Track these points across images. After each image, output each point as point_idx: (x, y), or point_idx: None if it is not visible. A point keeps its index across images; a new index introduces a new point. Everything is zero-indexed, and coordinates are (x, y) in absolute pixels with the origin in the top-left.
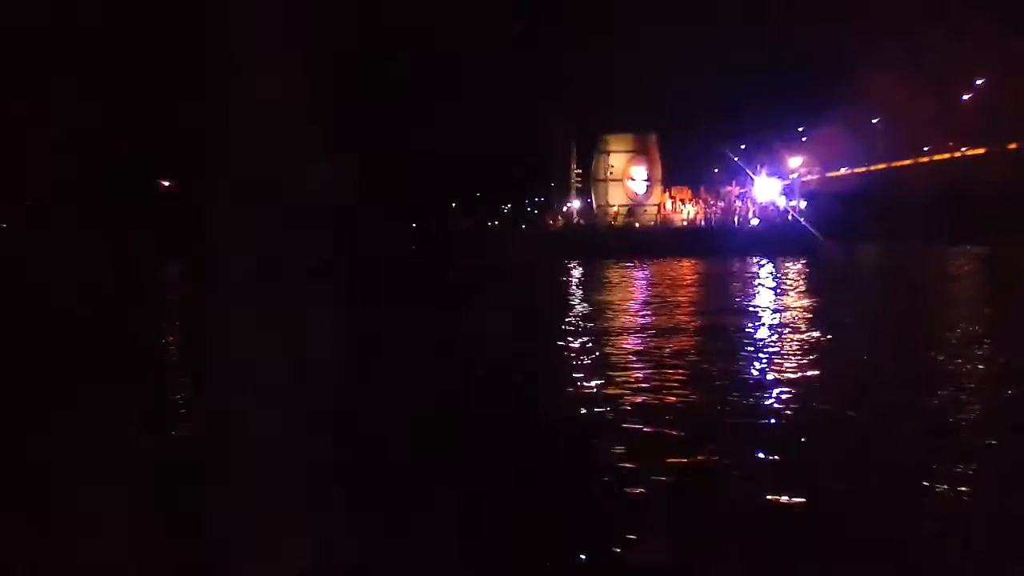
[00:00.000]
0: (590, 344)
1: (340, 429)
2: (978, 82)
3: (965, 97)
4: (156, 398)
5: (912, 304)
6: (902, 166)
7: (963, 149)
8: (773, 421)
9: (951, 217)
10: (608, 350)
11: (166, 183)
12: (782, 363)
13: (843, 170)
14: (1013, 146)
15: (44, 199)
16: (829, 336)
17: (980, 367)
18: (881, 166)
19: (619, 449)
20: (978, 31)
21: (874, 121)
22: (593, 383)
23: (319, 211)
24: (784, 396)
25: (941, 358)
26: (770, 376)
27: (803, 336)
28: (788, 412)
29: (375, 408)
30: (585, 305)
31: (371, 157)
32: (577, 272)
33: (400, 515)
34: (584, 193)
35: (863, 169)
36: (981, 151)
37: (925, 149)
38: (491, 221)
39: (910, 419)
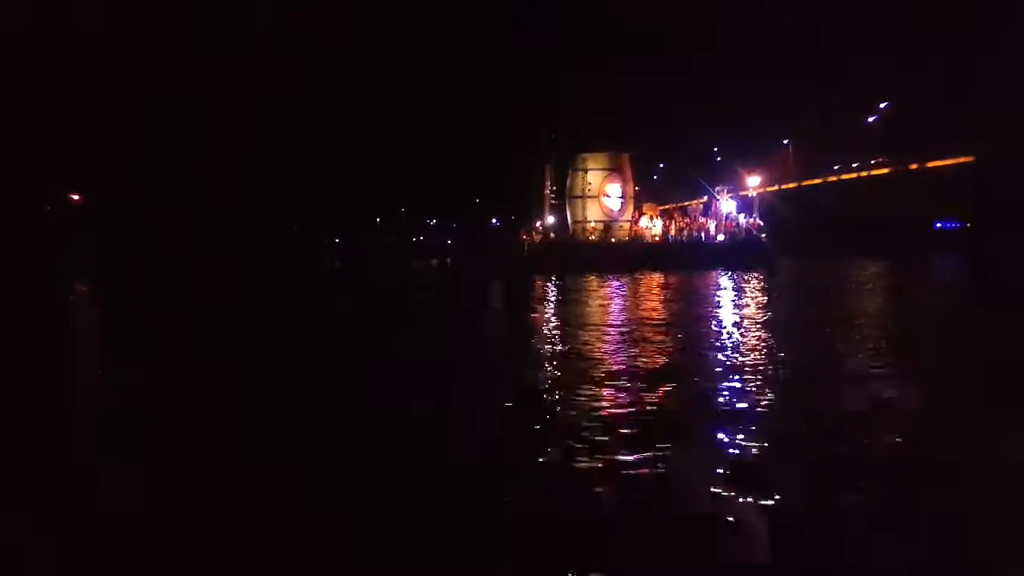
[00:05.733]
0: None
1: None
2: (882, 105)
3: (871, 119)
4: None
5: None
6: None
7: (867, 170)
8: None
9: (864, 234)
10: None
11: (75, 196)
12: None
13: (775, 186)
14: (914, 167)
15: None
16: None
17: None
18: (800, 183)
19: None
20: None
21: (784, 142)
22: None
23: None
24: None
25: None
26: None
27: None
28: None
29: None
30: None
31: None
32: (572, 286)
33: None
34: (558, 209)
35: (795, 185)
36: (884, 171)
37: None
38: (416, 236)
39: None
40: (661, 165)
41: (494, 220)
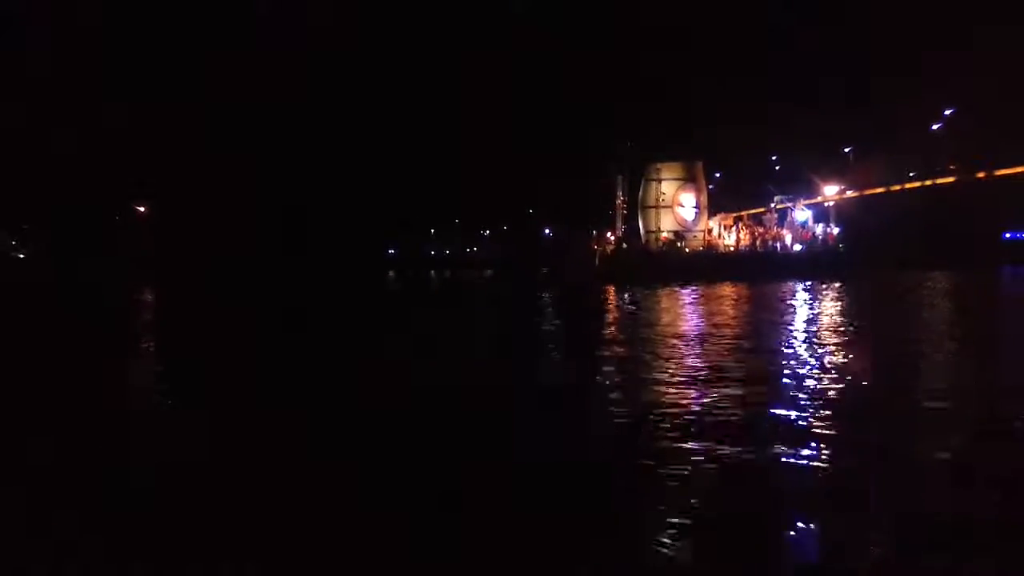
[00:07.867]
0: None
1: None
2: (947, 112)
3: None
4: None
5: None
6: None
7: (932, 178)
8: None
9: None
10: None
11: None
12: None
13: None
14: (981, 175)
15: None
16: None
17: None
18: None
19: None
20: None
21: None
22: None
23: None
24: None
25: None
26: None
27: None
28: None
29: None
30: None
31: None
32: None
33: None
34: (630, 219)
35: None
36: (950, 180)
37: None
38: (470, 247)
39: None
40: (717, 175)
41: (547, 231)
